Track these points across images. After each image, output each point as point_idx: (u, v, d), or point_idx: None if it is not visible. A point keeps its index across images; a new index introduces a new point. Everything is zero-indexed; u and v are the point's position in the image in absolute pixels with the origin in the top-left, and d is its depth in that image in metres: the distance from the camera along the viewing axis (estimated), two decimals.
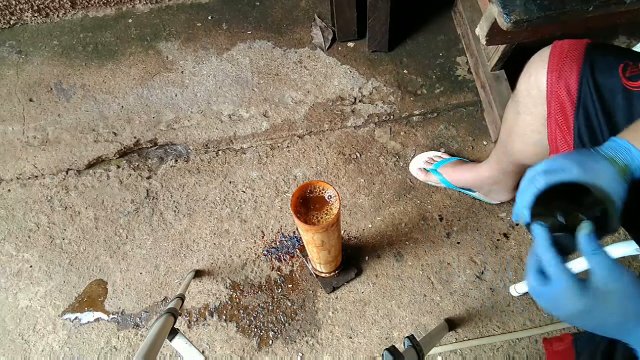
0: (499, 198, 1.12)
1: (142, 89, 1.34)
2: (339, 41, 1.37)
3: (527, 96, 0.72)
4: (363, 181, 1.21)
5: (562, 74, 0.63)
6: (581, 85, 0.61)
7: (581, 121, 0.61)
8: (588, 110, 0.60)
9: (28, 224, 1.19)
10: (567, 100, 0.63)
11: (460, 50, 1.36)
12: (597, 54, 0.61)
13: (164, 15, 1.45)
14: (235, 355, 1.05)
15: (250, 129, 1.27)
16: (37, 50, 1.40)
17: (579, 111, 0.61)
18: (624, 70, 0.58)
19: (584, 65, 0.61)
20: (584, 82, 0.61)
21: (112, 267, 1.14)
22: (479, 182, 1.08)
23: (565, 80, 0.62)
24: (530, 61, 0.71)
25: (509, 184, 1.04)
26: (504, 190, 1.06)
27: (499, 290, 1.09)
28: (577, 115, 0.62)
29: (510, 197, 1.10)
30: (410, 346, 0.74)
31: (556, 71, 0.63)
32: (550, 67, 0.64)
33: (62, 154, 1.26)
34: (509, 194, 1.08)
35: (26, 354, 1.07)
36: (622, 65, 0.58)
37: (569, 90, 0.62)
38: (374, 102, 1.30)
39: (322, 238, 0.77)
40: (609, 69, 0.59)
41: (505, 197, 1.11)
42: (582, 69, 0.61)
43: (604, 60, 0.60)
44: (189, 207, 1.20)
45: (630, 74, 0.58)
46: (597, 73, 0.60)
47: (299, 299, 1.10)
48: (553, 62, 0.64)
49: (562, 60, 0.63)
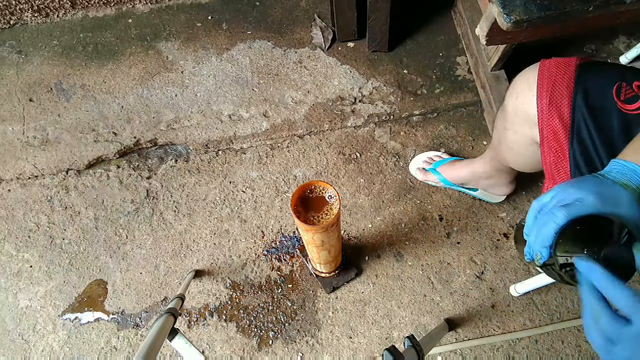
0: (498, 192, 1.11)
1: (142, 89, 1.34)
2: (339, 41, 1.37)
3: (514, 116, 0.69)
4: (363, 181, 1.21)
5: (553, 100, 0.60)
6: (574, 112, 0.58)
7: (576, 147, 0.58)
8: (582, 136, 0.58)
9: (28, 224, 1.19)
10: (560, 127, 0.60)
11: (460, 50, 1.36)
12: (588, 77, 0.58)
13: (164, 15, 1.45)
14: (235, 355, 1.05)
15: (250, 129, 1.27)
16: (37, 50, 1.40)
17: (574, 138, 0.59)
18: (618, 93, 0.56)
19: (576, 89, 0.58)
20: (577, 109, 0.58)
21: (112, 267, 1.14)
22: (475, 177, 1.07)
23: (557, 107, 0.59)
24: (516, 80, 0.68)
25: (505, 180, 1.04)
26: (501, 184, 1.06)
27: (499, 290, 1.09)
28: (571, 141, 0.59)
29: (509, 190, 1.10)
30: (410, 346, 0.74)
31: (546, 98, 0.60)
32: (540, 94, 0.61)
33: (62, 154, 1.26)
34: (507, 188, 1.08)
35: (26, 354, 1.07)
36: (616, 88, 0.56)
37: (562, 117, 0.59)
38: (374, 102, 1.30)
39: (322, 238, 0.77)
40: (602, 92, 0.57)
41: (504, 191, 1.10)
42: (574, 95, 0.58)
43: (596, 83, 0.57)
44: (189, 207, 1.20)
45: (625, 96, 0.56)
46: (590, 98, 0.57)
47: (299, 299, 1.10)
48: (542, 87, 0.61)
49: (552, 86, 0.60)
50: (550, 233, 0.42)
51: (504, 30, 0.73)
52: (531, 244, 0.45)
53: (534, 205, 0.45)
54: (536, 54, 1.34)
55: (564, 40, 1.36)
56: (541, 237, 0.43)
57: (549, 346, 1.04)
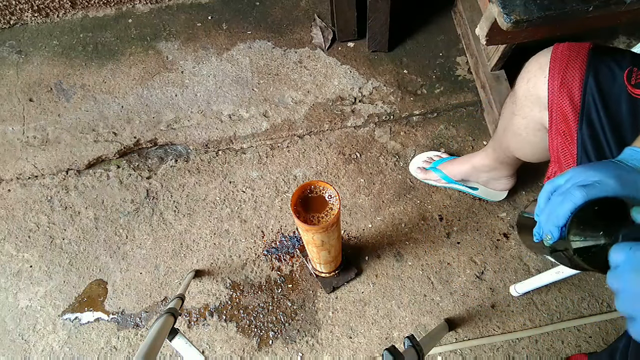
0: (499, 187, 1.10)
1: (142, 89, 1.34)
2: (339, 41, 1.37)
3: (524, 100, 0.70)
4: (363, 181, 1.21)
5: (565, 82, 0.60)
6: (585, 94, 0.58)
7: (585, 131, 0.59)
8: (592, 119, 0.58)
9: (28, 224, 1.19)
10: (569, 109, 0.60)
11: (460, 50, 1.36)
12: (600, 60, 0.59)
13: (164, 15, 1.45)
14: (235, 355, 1.05)
15: (250, 129, 1.27)
16: (37, 50, 1.40)
17: (583, 120, 0.59)
18: (629, 78, 0.56)
19: (587, 72, 0.59)
20: (587, 91, 0.58)
21: (112, 267, 1.14)
22: (476, 171, 1.07)
23: (568, 89, 0.60)
24: (529, 64, 0.69)
25: (506, 172, 1.03)
26: (501, 177, 1.05)
27: (499, 290, 1.09)
28: (580, 124, 0.59)
29: (510, 184, 1.09)
30: (410, 346, 0.74)
31: (558, 79, 0.61)
32: (552, 75, 0.62)
33: (62, 154, 1.26)
34: (507, 181, 1.07)
35: (26, 354, 1.07)
36: (627, 72, 0.56)
37: (572, 98, 0.60)
38: (374, 102, 1.30)
39: (322, 238, 0.77)
40: (613, 76, 0.57)
41: (505, 185, 1.09)
42: (586, 77, 0.58)
43: (607, 67, 0.58)
44: (189, 207, 1.20)
45: (635, 80, 0.56)
46: (601, 81, 0.58)
47: (299, 299, 1.10)
48: (554, 68, 0.62)
49: (564, 67, 0.61)
50: (565, 212, 0.40)
51: (504, 30, 0.73)
52: (542, 223, 0.43)
53: (547, 187, 0.44)
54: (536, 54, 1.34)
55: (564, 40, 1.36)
56: (555, 216, 0.41)
57: (549, 346, 1.04)
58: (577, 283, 1.09)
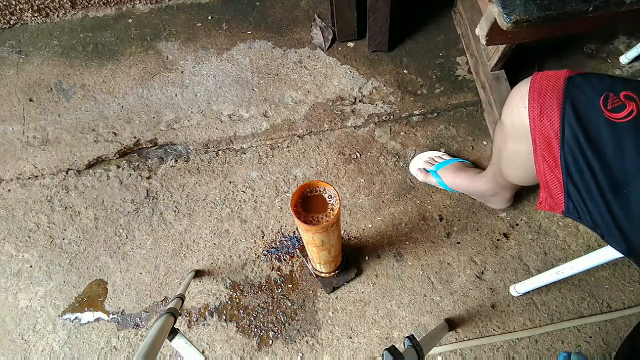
0: (494, 206, 1.14)
1: (142, 89, 1.34)
2: (339, 41, 1.37)
3: (511, 129, 0.72)
4: (363, 181, 1.21)
5: (544, 110, 0.62)
6: (564, 121, 0.60)
7: (568, 157, 0.61)
8: (572, 146, 0.60)
9: (28, 224, 1.19)
10: (552, 135, 0.62)
11: (460, 50, 1.36)
12: (576, 87, 0.60)
13: (164, 15, 1.45)
14: (235, 355, 1.05)
15: (250, 129, 1.27)
16: (37, 50, 1.40)
17: (564, 146, 0.61)
18: (605, 103, 0.58)
19: (565, 100, 0.60)
20: (566, 118, 0.60)
21: (112, 267, 1.14)
22: (476, 194, 1.10)
23: (548, 117, 0.62)
24: (511, 93, 0.71)
25: (506, 196, 1.07)
26: (500, 200, 1.09)
27: (499, 290, 1.09)
28: (562, 150, 0.61)
29: (506, 206, 1.12)
30: (410, 346, 0.74)
31: (537, 108, 0.63)
32: (531, 104, 0.64)
33: (62, 154, 1.26)
34: (505, 203, 1.11)
35: (26, 354, 1.07)
36: (603, 98, 0.58)
37: (553, 126, 0.62)
38: (374, 102, 1.30)
39: (322, 238, 0.77)
40: (590, 102, 0.59)
41: (501, 207, 1.13)
42: (563, 104, 0.60)
43: (583, 93, 0.60)
44: (189, 207, 1.20)
45: (611, 105, 0.57)
46: (579, 108, 0.59)
47: (299, 299, 1.10)
48: (533, 98, 0.64)
49: (542, 97, 0.63)
50: None
51: (504, 30, 0.73)
52: None
53: None
54: (536, 54, 1.35)
55: (564, 40, 1.36)
56: None
57: (549, 346, 1.04)
58: (577, 283, 1.09)
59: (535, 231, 1.14)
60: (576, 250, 1.12)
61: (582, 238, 1.13)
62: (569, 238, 1.13)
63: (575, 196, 0.61)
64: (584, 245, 1.12)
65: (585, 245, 1.12)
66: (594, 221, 0.60)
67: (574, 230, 1.14)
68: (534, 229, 1.14)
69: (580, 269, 0.85)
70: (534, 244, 1.13)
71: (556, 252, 1.12)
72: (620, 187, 0.57)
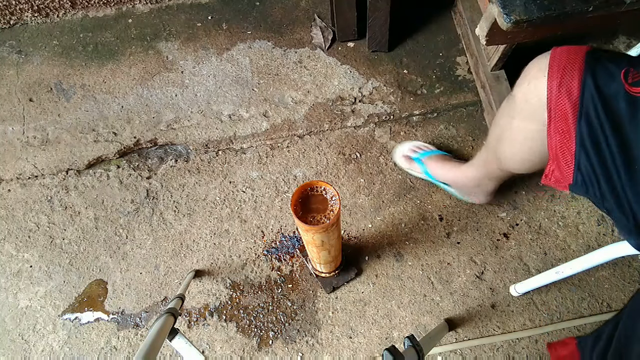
0: (474, 200, 1.12)
1: (142, 89, 1.34)
2: (339, 41, 1.37)
3: (524, 103, 0.71)
4: (363, 181, 1.21)
5: (563, 81, 0.62)
6: (583, 93, 0.60)
7: (584, 128, 0.60)
8: (590, 117, 0.60)
9: (28, 224, 1.19)
10: (568, 107, 0.62)
11: (460, 50, 1.36)
12: (597, 61, 0.60)
13: (164, 15, 1.45)
14: (235, 355, 1.05)
15: (250, 129, 1.27)
16: (37, 50, 1.40)
17: (582, 118, 0.60)
18: (626, 77, 0.58)
19: (585, 72, 0.60)
20: (586, 90, 0.60)
21: (112, 267, 1.14)
22: (461, 183, 1.08)
23: (566, 88, 0.62)
24: (528, 68, 0.70)
25: (489, 189, 1.05)
26: (481, 193, 1.07)
27: (499, 290, 1.09)
28: (579, 122, 0.61)
29: (486, 201, 1.11)
30: (410, 346, 0.74)
31: (556, 79, 0.63)
32: (551, 75, 0.63)
33: (62, 154, 1.26)
34: (486, 197, 1.09)
35: (26, 354, 1.07)
36: (624, 72, 0.58)
37: (571, 97, 0.61)
38: (374, 102, 1.30)
39: (322, 238, 0.77)
40: (611, 75, 0.59)
41: (481, 201, 1.11)
42: (584, 76, 0.60)
43: (605, 67, 0.60)
44: (189, 207, 1.20)
45: (632, 79, 0.57)
46: (599, 80, 0.59)
47: (299, 299, 1.10)
48: (553, 69, 0.63)
49: (563, 68, 0.62)
50: None
51: (504, 30, 0.73)
52: None
53: None
54: (536, 54, 1.34)
55: (564, 40, 1.36)
56: None
57: None
58: (577, 283, 1.09)
59: (535, 231, 1.14)
60: (576, 250, 1.12)
61: (582, 238, 1.13)
62: (569, 238, 1.13)
63: (587, 168, 0.61)
64: (584, 245, 1.12)
65: (585, 245, 1.12)
66: (602, 195, 0.60)
67: (574, 230, 1.14)
68: (534, 229, 1.14)
69: (580, 269, 0.85)
70: (534, 244, 1.13)
71: (556, 252, 1.12)
72: (634, 161, 0.57)
